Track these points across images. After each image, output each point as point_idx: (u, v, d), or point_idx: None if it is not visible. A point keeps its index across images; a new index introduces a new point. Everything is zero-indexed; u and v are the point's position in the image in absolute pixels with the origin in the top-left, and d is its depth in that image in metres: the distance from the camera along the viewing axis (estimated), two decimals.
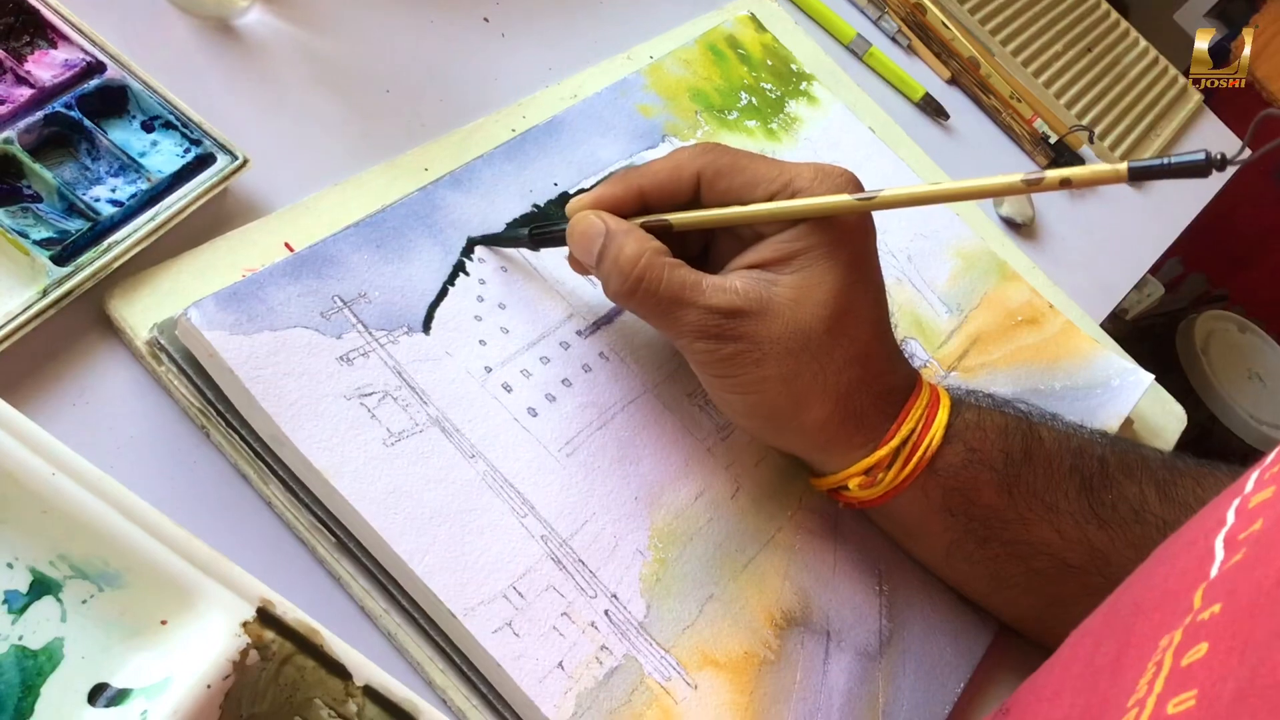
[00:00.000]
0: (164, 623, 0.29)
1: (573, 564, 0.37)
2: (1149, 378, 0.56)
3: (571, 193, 0.45)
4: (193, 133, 0.39)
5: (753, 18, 0.59)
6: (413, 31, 0.50)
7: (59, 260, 0.35)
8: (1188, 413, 0.61)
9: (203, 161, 0.39)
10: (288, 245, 0.39)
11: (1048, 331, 0.56)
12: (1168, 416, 0.60)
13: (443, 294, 0.39)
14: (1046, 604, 0.42)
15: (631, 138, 0.49)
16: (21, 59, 0.39)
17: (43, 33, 0.39)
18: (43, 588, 0.28)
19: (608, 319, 0.43)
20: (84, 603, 0.29)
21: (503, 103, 0.49)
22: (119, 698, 0.28)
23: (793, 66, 0.59)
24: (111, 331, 0.36)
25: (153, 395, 0.36)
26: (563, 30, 0.55)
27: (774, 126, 0.55)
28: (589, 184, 0.46)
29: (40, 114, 0.37)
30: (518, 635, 0.34)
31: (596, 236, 0.38)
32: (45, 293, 0.34)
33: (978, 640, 0.44)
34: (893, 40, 0.71)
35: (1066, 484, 0.40)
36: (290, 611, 0.29)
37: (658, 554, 0.38)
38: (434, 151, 0.45)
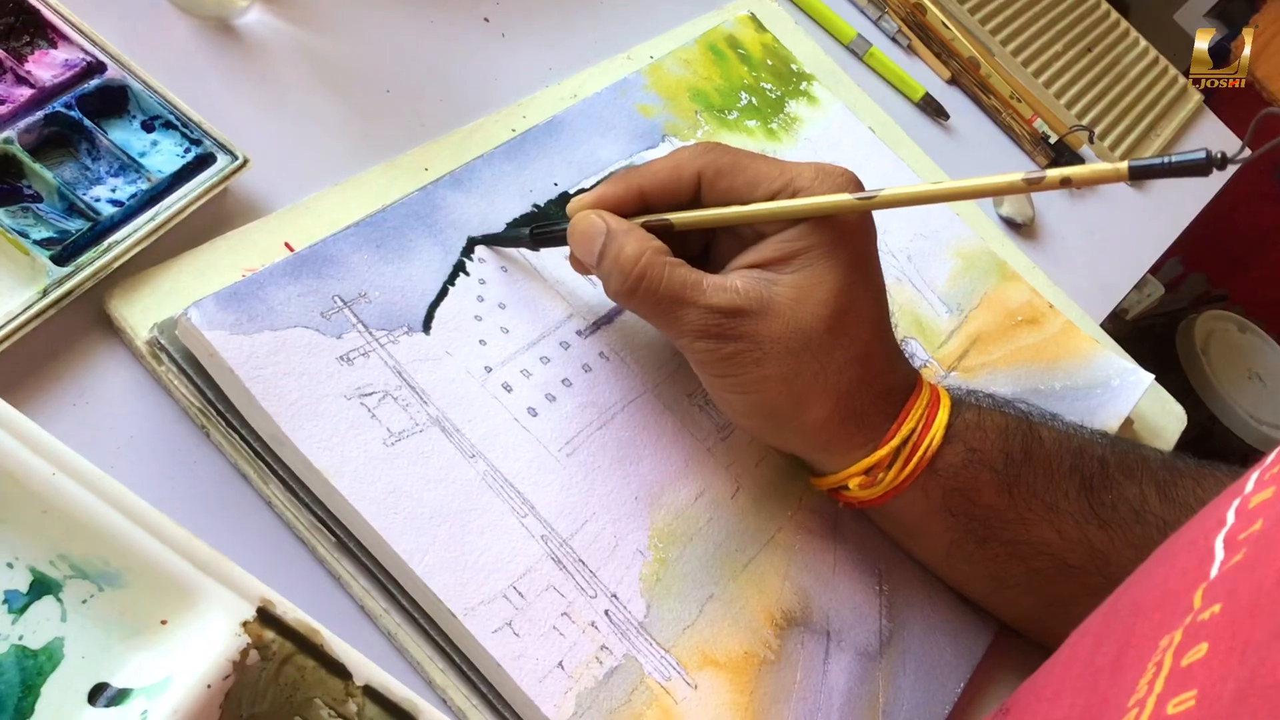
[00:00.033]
0: (164, 622, 0.29)
1: (573, 564, 0.37)
2: (1149, 378, 0.56)
3: (572, 193, 0.45)
4: (193, 133, 0.39)
5: (753, 18, 0.59)
6: (413, 31, 0.50)
7: (59, 260, 0.35)
8: (1188, 413, 0.61)
9: (203, 161, 0.39)
10: (288, 245, 0.39)
11: (1048, 331, 0.56)
12: (1168, 416, 0.60)
13: (443, 294, 0.40)
14: (1047, 604, 0.42)
15: (631, 138, 0.49)
16: (22, 59, 0.39)
17: (43, 32, 0.39)
18: (43, 587, 0.28)
19: (608, 319, 0.43)
20: (84, 602, 0.29)
21: (503, 103, 0.49)
22: (119, 697, 0.28)
23: (793, 66, 0.59)
24: (112, 331, 0.36)
25: (153, 395, 0.36)
26: (563, 30, 0.55)
27: (774, 126, 0.55)
28: (589, 184, 0.46)
29: (40, 114, 0.37)
30: (518, 635, 0.34)
31: (597, 236, 0.38)
32: (45, 292, 0.34)
33: (978, 640, 0.44)
34: (893, 40, 0.71)
35: (1067, 484, 0.40)
36: (290, 611, 0.29)
37: (658, 554, 0.38)
38: (434, 151, 0.45)
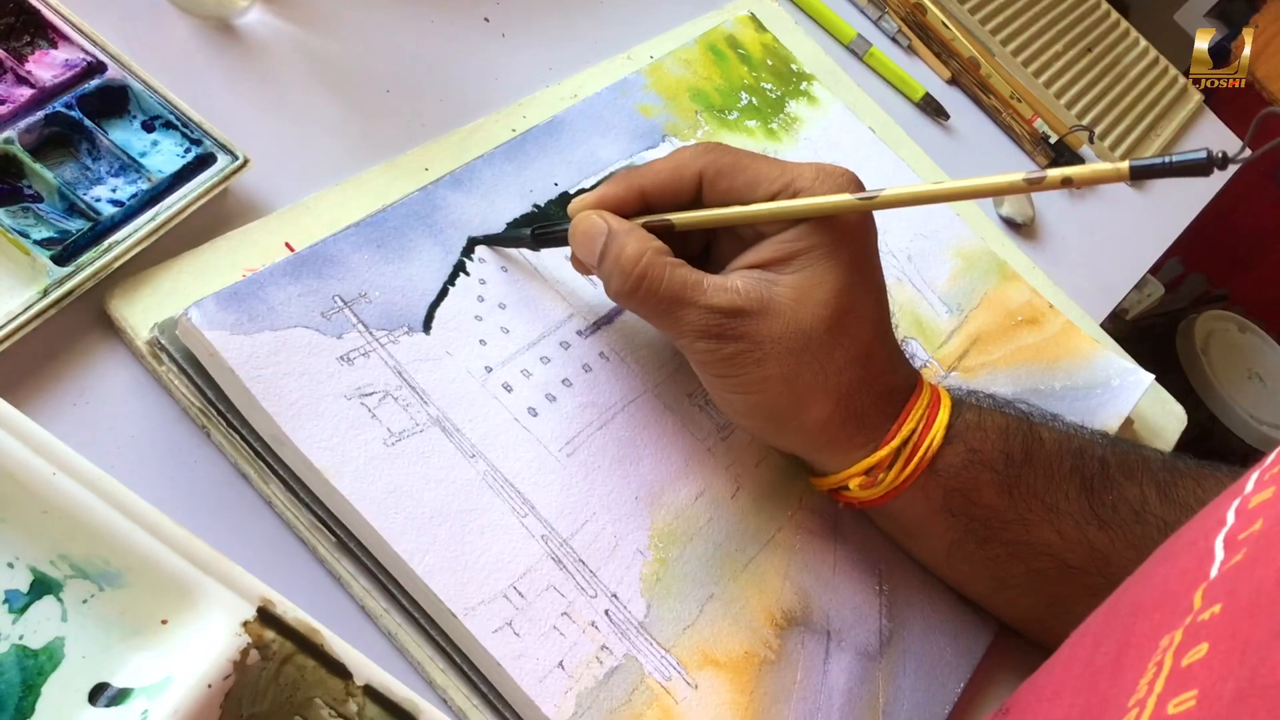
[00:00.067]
0: (164, 622, 0.29)
1: (573, 564, 0.37)
2: (1149, 378, 0.56)
3: (572, 193, 0.45)
4: (193, 132, 0.39)
5: (753, 18, 0.59)
6: (413, 31, 0.50)
7: (59, 260, 0.35)
8: (1188, 413, 0.61)
9: (203, 161, 0.39)
10: (288, 245, 0.39)
11: (1048, 331, 0.56)
12: (1168, 416, 0.60)
13: (443, 294, 0.40)
14: (1047, 604, 0.42)
15: (632, 138, 0.49)
16: (22, 59, 0.39)
17: (43, 33, 0.39)
18: (43, 587, 0.28)
19: (608, 319, 0.43)
20: (84, 602, 0.29)
21: (503, 103, 0.49)
22: (120, 697, 0.28)
23: (793, 66, 0.59)
24: (112, 331, 0.36)
25: (153, 395, 0.36)
26: (563, 30, 0.55)
27: (774, 126, 0.55)
28: (589, 184, 0.46)
29: (41, 114, 0.37)
30: (518, 635, 0.34)
31: (598, 236, 0.38)
32: (46, 292, 0.34)
33: (978, 640, 0.44)
34: (893, 40, 0.71)
35: (1067, 485, 0.40)
36: (291, 611, 0.29)
37: (658, 554, 0.38)
38: (434, 151, 0.45)
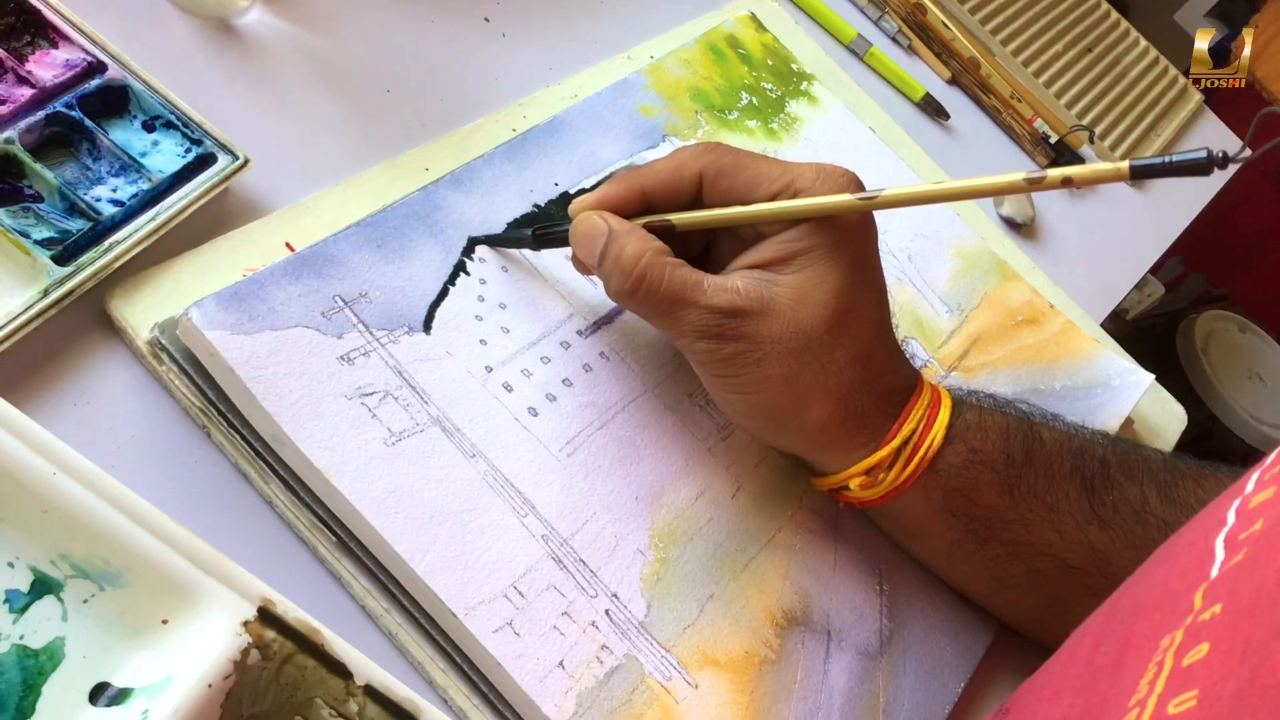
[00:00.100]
0: (165, 622, 0.29)
1: (573, 563, 0.37)
2: (1149, 377, 0.56)
3: (572, 193, 0.45)
4: (193, 132, 0.39)
5: (753, 17, 0.59)
6: (413, 31, 0.50)
7: (60, 260, 0.35)
8: (1188, 413, 0.61)
9: (203, 161, 0.39)
10: (288, 245, 0.39)
11: (1048, 331, 0.56)
12: (1168, 416, 0.60)
13: (443, 294, 0.40)
14: (1047, 604, 0.42)
15: (632, 138, 0.49)
16: (23, 59, 0.39)
17: (44, 33, 0.39)
18: (44, 587, 0.28)
19: (608, 319, 0.43)
20: (85, 602, 0.29)
21: (503, 103, 0.49)
22: (120, 697, 0.28)
23: (793, 66, 0.59)
24: (112, 331, 0.36)
25: (153, 395, 0.36)
26: (563, 30, 0.55)
27: (774, 126, 0.55)
28: (589, 184, 0.46)
29: (41, 114, 0.37)
30: (518, 635, 0.34)
31: (599, 237, 0.38)
32: (46, 292, 0.34)
33: (978, 640, 0.44)
34: (893, 40, 0.71)
35: (1068, 485, 0.40)
36: (291, 611, 0.29)
37: (658, 554, 0.38)
38: (434, 151, 0.45)
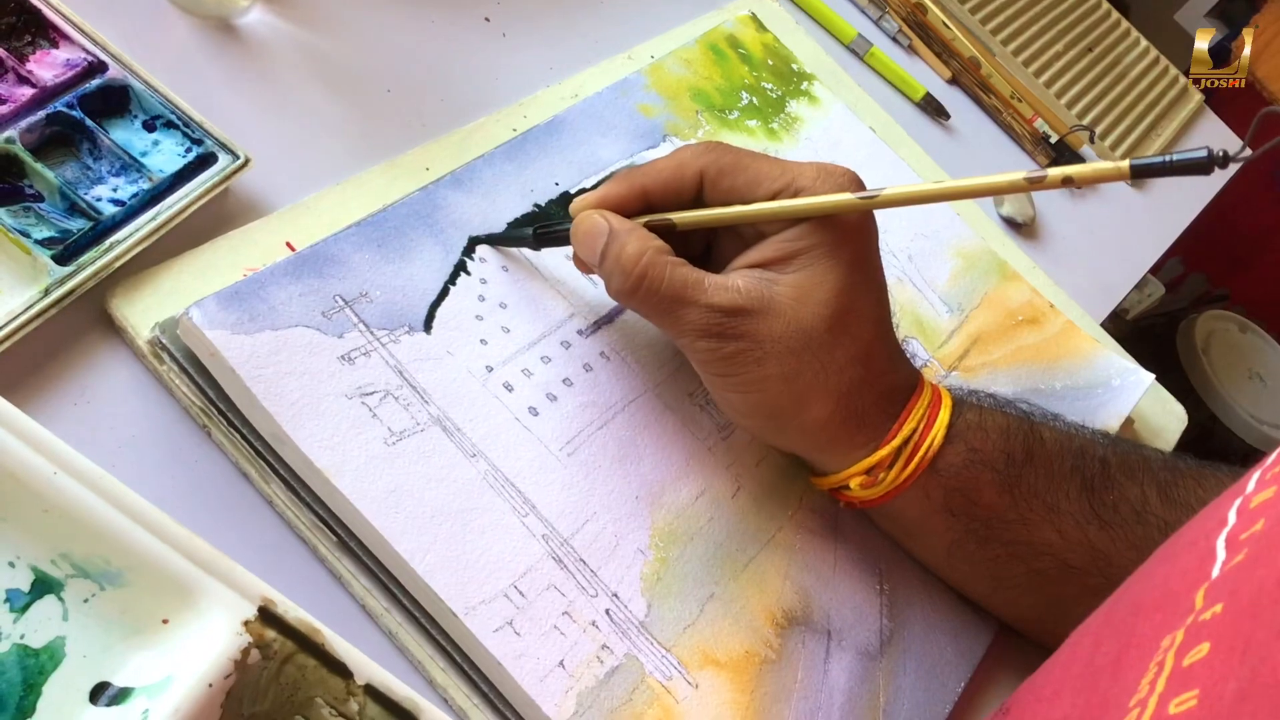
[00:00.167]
0: (165, 621, 0.29)
1: (574, 563, 0.37)
2: (1149, 377, 0.56)
3: (573, 192, 0.45)
4: (194, 132, 0.39)
5: (753, 17, 0.59)
6: (413, 31, 0.50)
7: (60, 260, 0.35)
8: (1188, 413, 0.61)
9: (204, 161, 0.39)
10: (289, 245, 0.39)
11: (1048, 331, 0.56)
12: (1168, 416, 0.60)
13: (444, 293, 0.40)
14: (1047, 604, 0.42)
15: (632, 137, 0.49)
16: (23, 58, 0.39)
17: (44, 32, 0.39)
18: (44, 586, 0.28)
19: (609, 318, 0.43)
20: (85, 601, 0.29)
21: (504, 102, 0.49)
22: (120, 696, 0.28)
23: (794, 66, 0.59)
24: (113, 331, 0.36)
25: (154, 394, 0.36)
26: (563, 30, 0.55)
27: (775, 126, 0.55)
28: (590, 184, 0.46)
29: (42, 113, 0.37)
30: (519, 634, 0.34)
31: (600, 235, 0.38)
32: (47, 292, 0.34)
33: (978, 640, 0.44)
34: (893, 40, 0.71)
35: (1068, 484, 0.40)
36: (291, 610, 0.29)
37: (659, 553, 0.38)
38: (435, 151, 0.45)
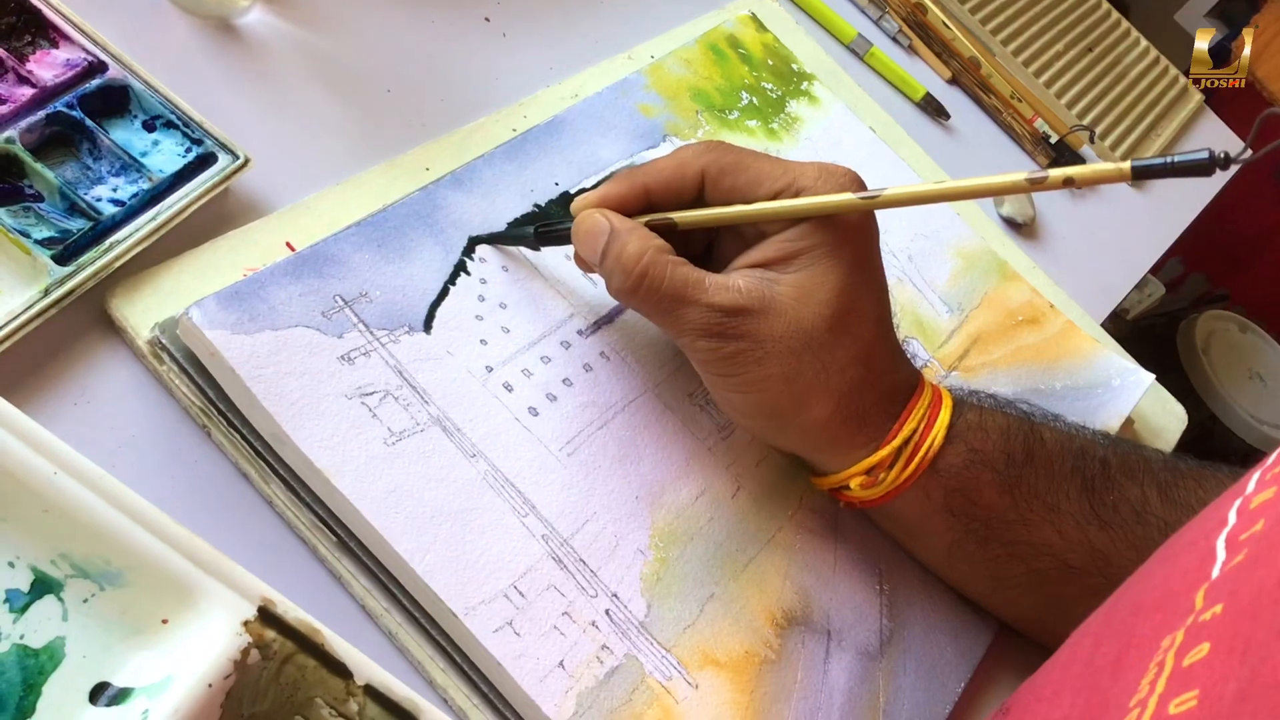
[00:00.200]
0: (165, 622, 0.29)
1: (573, 563, 0.37)
2: (1149, 377, 0.56)
3: (573, 192, 0.45)
4: (194, 132, 0.39)
5: (753, 17, 0.59)
6: (413, 31, 0.50)
7: (60, 260, 0.35)
8: (1188, 413, 0.61)
9: (204, 161, 0.39)
10: (289, 245, 0.39)
11: (1048, 331, 0.56)
12: (1168, 416, 0.60)
13: (444, 293, 0.40)
14: (1047, 604, 0.42)
15: (632, 137, 0.49)
16: (23, 58, 0.39)
17: (44, 32, 0.39)
18: (44, 587, 0.28)
19: (609, 318, 0.43)
20: (85, 602, 0.29)
21: (504, 102, 0.49)
22: (120, 696, 0.28)
23: (794, 66, 0.59)
24: (113, 331, 0.36)
25: (154, 394, 0.36)
26: (563, 30, 0.55)
27: (775, 126, 0.55)
28: (590, 184, 0.46)
29: (42, 113, 0.37)
30: (518, 634, 0.34)
31: (600, 234, 0.38)
32: (47, 292, 0.34)
33: (978, 640, 0.44)
34: (893, 40, 0.71)
35: (1068, 485, 0.40)
36: (291, 610, 0.29)
37: (658, 553, 0.38)
38: (435, 151, 0.45)
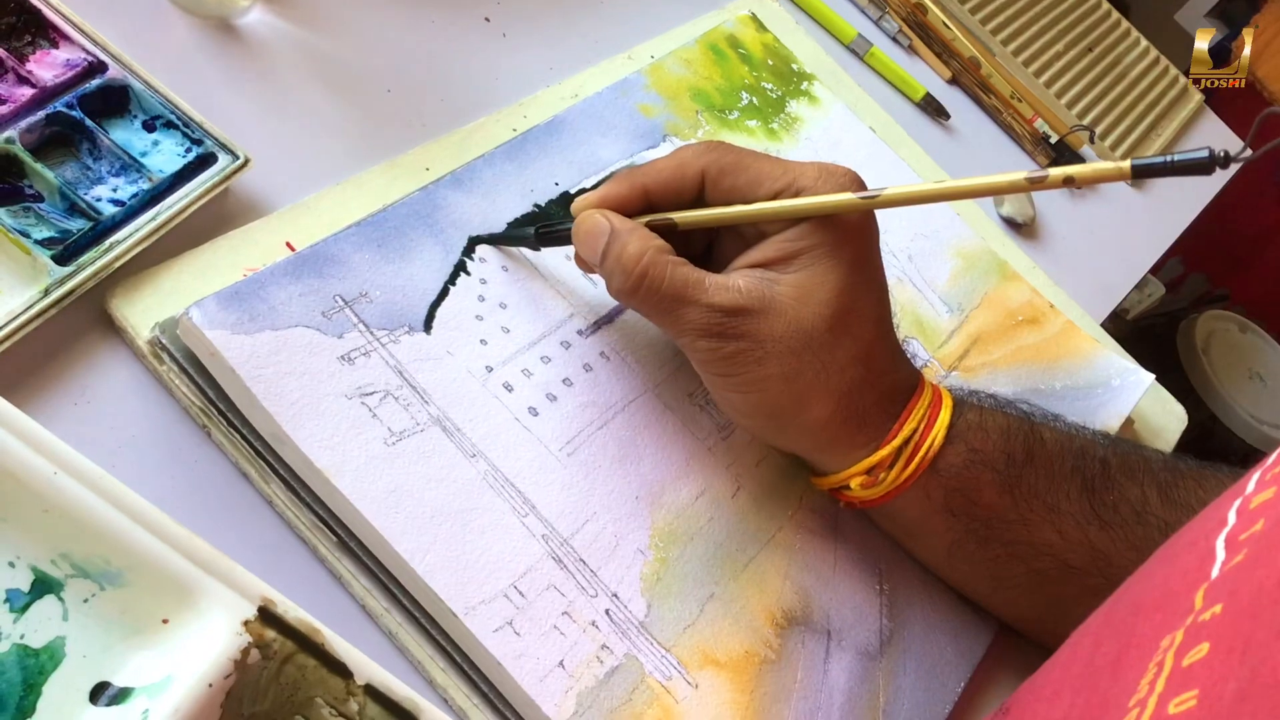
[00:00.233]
0: (165, 621, 0.29)
1: (573, 563, 0.37)
2: (1149, 377, 0.56)
3: (573, 192, 0.45)
4: (194, 132, 0.39)
5: (753, 17, 0.59)
6: (413, 31, 0.50)
7: (60, 260, 0.35)
8: (1188, 413, 0.61)
9: (204, 161, 0.39)
10: (289, 245, 0.39)
11: (1048, 331, 0.56)
12: (1168, 416, 0.60)
13: (444, 293, 0.40)
14: (1047, 604, 0.42)
15: (632, 137, 0.49)
16: (23, 59, 0.39)
17: (44, 32, 0.39)
18: (44, 586, 0.28)
19: (609, 318, 0.43)
20: (85, 601, 0.29)
21: (504, 102, 0.49)
22: (120, 696, 0.28)
23: (794, 66, 0.59)
24: (113, 331, 0.36)
25: (154, 394, 0.36)
26: (563, 30, 0.55)
27: (775, 126, 0.55)
28: (590, 184, 0.46)
29: (42, 113, 0.37)
30: (518, 634, 0.34)
31: (601, 235, 0.38)
32: (47, 292, 0.34)
33: (978, 640, 0.44)
34: (893, 40, 0.71)
35: (1068, 485, 0.40)
36: (291, 610, 0.29)
37: (658, 553, 0.38)
38: (435, 151, 0.45)
